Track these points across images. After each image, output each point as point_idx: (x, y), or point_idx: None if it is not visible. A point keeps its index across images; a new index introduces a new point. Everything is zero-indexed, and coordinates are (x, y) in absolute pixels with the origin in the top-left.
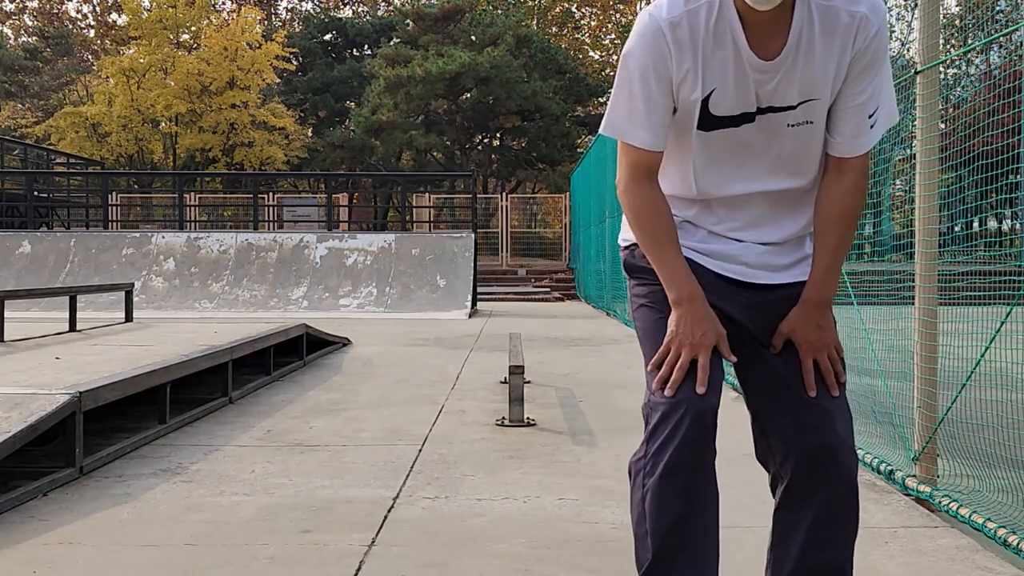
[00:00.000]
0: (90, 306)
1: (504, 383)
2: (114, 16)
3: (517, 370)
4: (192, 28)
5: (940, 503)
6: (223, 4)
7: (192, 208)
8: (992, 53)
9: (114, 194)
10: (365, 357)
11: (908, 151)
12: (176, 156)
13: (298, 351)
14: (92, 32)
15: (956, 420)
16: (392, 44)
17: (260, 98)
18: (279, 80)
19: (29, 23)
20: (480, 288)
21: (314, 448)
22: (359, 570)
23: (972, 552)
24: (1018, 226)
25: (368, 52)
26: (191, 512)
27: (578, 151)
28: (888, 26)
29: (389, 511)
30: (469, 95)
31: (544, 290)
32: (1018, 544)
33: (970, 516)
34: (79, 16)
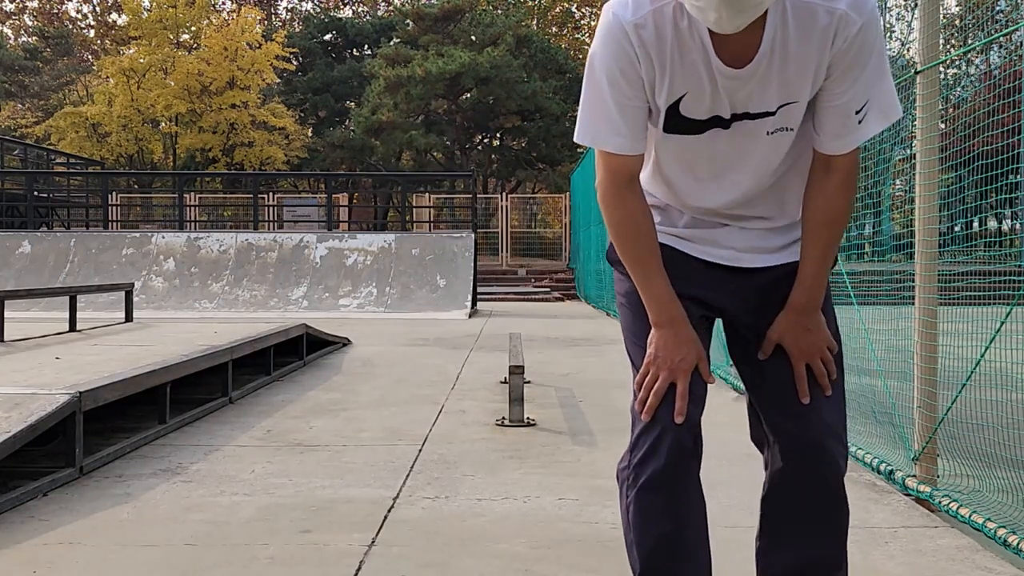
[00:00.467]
0: (90, 306)
1: (504, 383)
2: (114, 16)
3: (517, 370)
4: (192, 28)
5: (940, 503)
6: (223, 4)
7: (192, 208)
8: (992, 53)
9: (114, 194)
10: (365, 357)
11: (908, 151)
12: (176, 156)
13: (298, 351)
14: (92, 32)
15: (956, 420)
16: (392, 44)
17: (260, 98)
18: (279, 80)
19: (29, 23)
20: (480, 288)
21: (314, 448)
22: (359, 570)
23: (972, 552)
24: (1018, 226)
25: (368, 52)
26: (191, 512)
27: (578, 151)
28: (881, 22)
29: (389, 511)
30: (469, 95)
31: (544, 290)
32: (1018, 544)
33: (970, 516)
34: (79, 16)
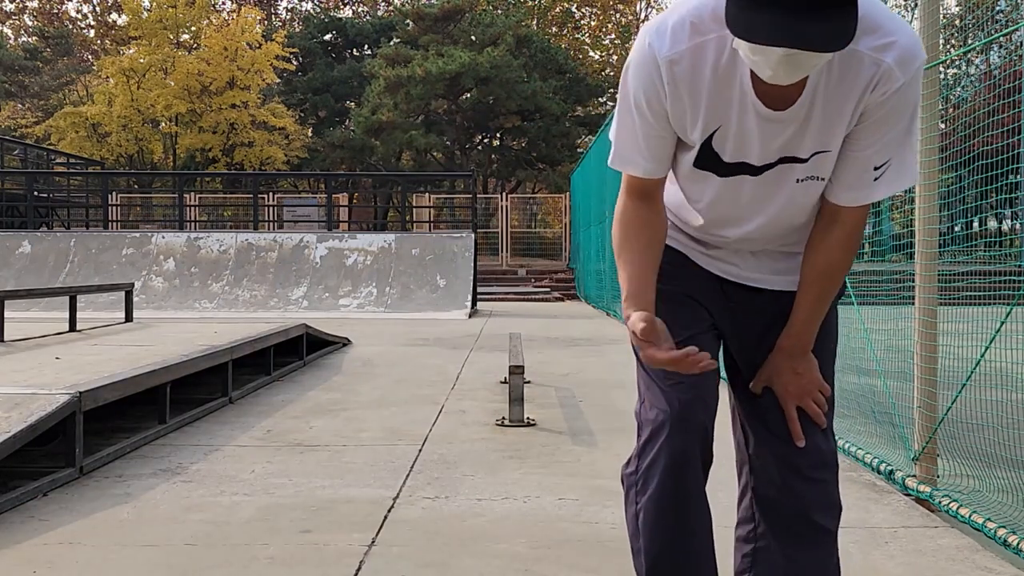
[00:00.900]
0: (90, 306)
1: (504, 383)
2: (114, 16)
3: (517, 370)
4: (192, 28)
5: (940, 503)
6: (223, 4)
7: (192, 208)
8: (992, 53)
9: (114, 194)
10: (365, 357)
11: None
12: (176, 156)
13: (298, 351)
14: (92, 32)
15: (956, 420)
16: (392, 44)
17: (260, 98)
18: (279, 80)
19: (29, 23)
20: (480, 288)
21: (314, 448)
22: (359, 570)
23: (972, 552)
24: (1018, 226)
25: (368, 52)
26: (191, 512)
27: (578, 151)
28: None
29: (389, 511)
30: (469, 95)
31: (544, 290)
32: (1018, 544)
33: (970, 516)
34: (79, 16)
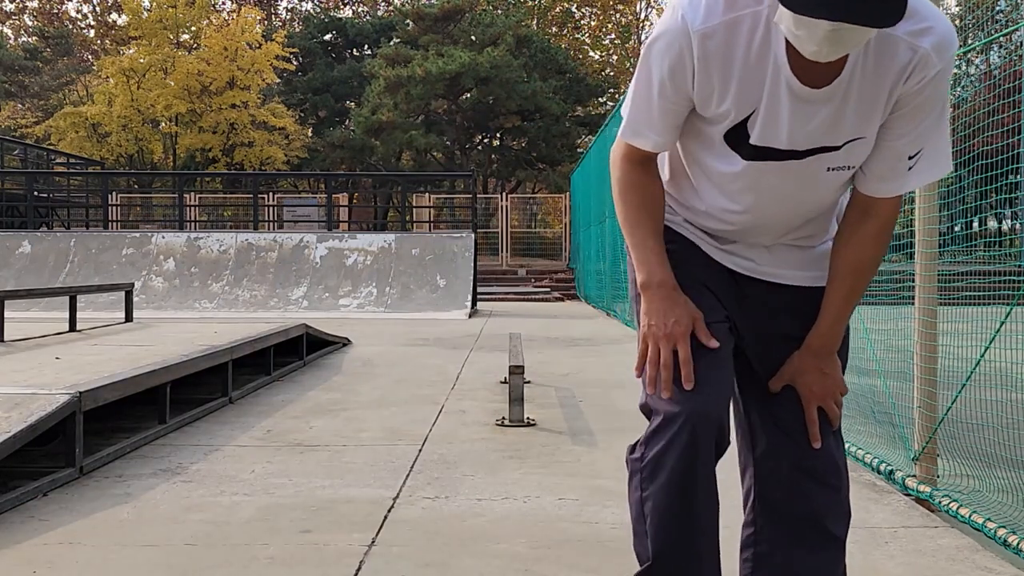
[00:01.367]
0: (90, 306)
1: (504, 383)
2: (114, 16)
3: (517, 370)
4: (192, 28)
5: (940, 503)
6: (223, 4)
7: (192, 208)
8: (992, 53)
9: (114, 194)
10: (365, 357)
11: None
12: (176, 156)
13: (298, 351)
14: (92, 32)
15: (956, 420)
16: (392, 44)
17: (260, 98)
18: (279, 80)
19: (29, 23)
20: (480, 288)
21: (314, 448)
22: (359, 570)
23: (972, 552)
24: (1018, 226)
25: (368, 52)
26: (191, 512)
27: (578, 151)
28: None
29: (389, 511)
30: (469, 95)
31: (544, 290)
32: (1018, 544)
33: (970, 516)
34: (79, 16)
